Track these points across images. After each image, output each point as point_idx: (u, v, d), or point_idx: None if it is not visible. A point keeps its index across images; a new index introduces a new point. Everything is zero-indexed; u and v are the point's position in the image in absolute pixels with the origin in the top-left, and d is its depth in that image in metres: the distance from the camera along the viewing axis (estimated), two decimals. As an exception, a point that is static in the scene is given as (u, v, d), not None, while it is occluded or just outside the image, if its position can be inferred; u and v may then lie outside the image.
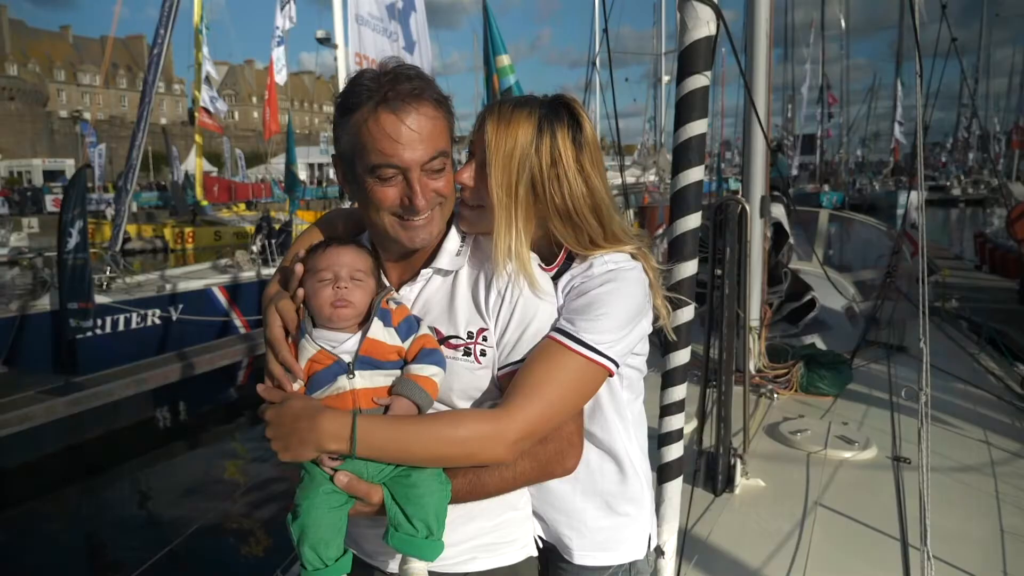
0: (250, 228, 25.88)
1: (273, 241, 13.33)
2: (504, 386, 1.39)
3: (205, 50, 20.44)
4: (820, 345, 5.35)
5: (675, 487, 2.06)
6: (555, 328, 1.38)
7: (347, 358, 1.30)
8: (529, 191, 1.38)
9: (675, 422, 2.07)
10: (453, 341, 1.38)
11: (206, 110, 19.65)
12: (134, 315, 10.61)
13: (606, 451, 1.54)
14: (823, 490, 3.39)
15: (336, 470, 1.24)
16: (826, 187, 42.49)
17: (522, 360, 1.36)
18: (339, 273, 1.33)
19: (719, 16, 2.29)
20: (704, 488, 3.42)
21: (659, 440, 2.08)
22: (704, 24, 2.21)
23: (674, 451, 2.06)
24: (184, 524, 6.91)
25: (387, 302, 1.36)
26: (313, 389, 1.30)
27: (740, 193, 4.37)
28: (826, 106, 43.27)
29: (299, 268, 1.37)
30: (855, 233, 9.49)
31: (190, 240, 28.04)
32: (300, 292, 1.35)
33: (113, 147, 48.84)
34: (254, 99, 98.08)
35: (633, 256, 1.46)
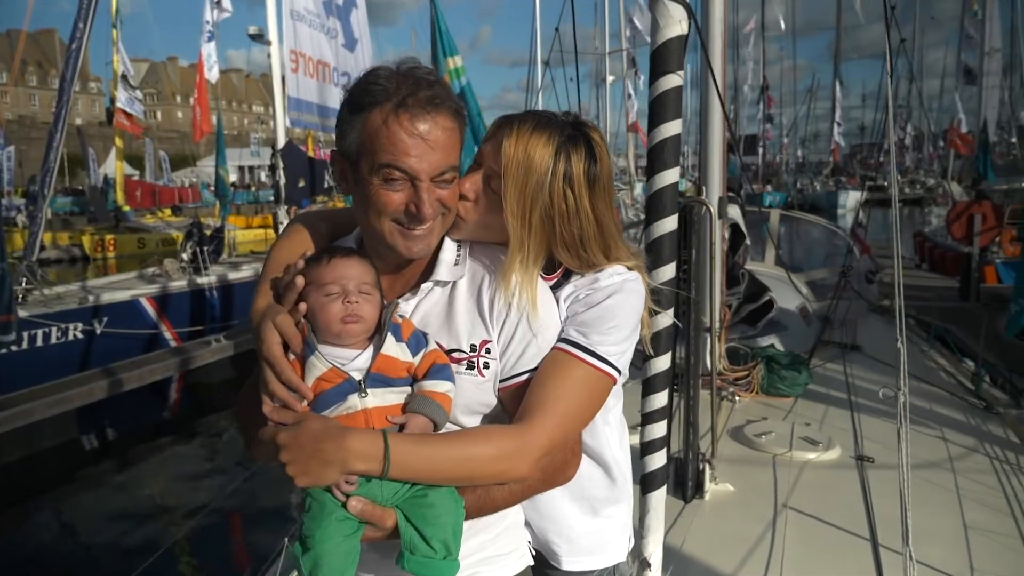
0: (177, 235, 25.15)
1: (205, 248, 12.95)
2: (505, 399, 1.39)
3: (121, 46, 19.76)
4: (778, 346, 5.49)
5: (659, 497, 2.07)
6: (565, 340, 1.39)
7: (357, 376, 1.26)
8: (541, 222, 1.39)
9: (658, 430, 2.09)
10: (455, 355, 1.36)
11: (124, 111, 19.00)
12: (54, 330, 10.17)
13: (594, 458, 1.58)
14: (791, 492, 3.47)
15: (349, 496, 1.20)
16: (769, 187, 43.71)
17: (525, 373, 1.37)
18: (347, 287, 1.29)
19: (691, 15, 2.32)
20: (674, 495, 3.46)
21: (642, 449, 2.09)
22: (676, 23, 2.24)
23: (657, 460, 2.08)
24: (115, 554, 6.65)
25: (395, 316, 1.33)
26: (319, 409, 1.25)
27: (702, 194, 4.44)
28: (766, 106, 44.54)
29: (300, 281, 1.32)
30: (804, 233, 9.77)
31: (111, 248, 27.03)
32: (302, 306, 1.30)
33: (23, 149, 46.77)
34: (178, 98, 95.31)
35: (630, 268, 1.49)
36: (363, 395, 1.25)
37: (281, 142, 15.06)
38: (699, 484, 3.46)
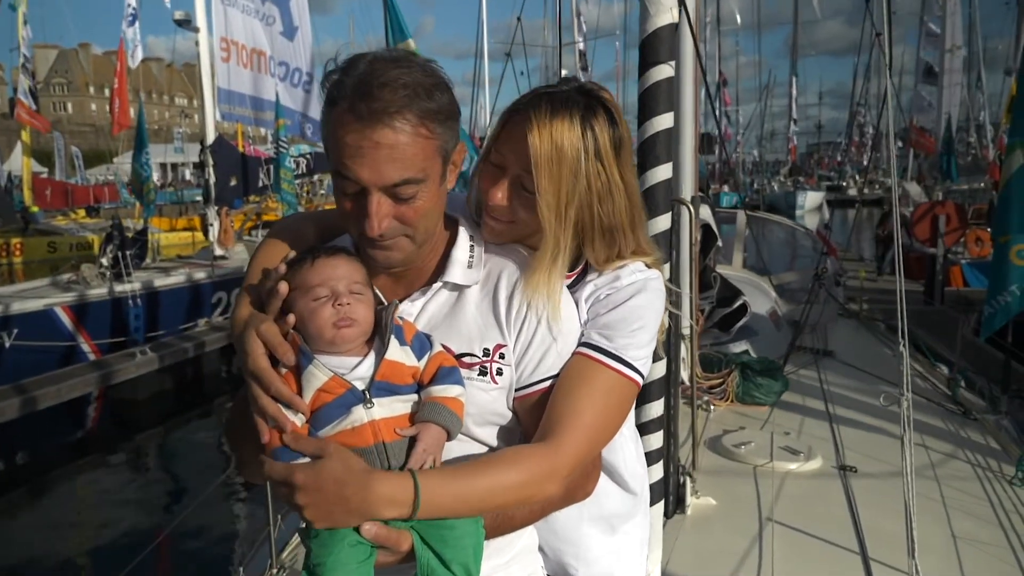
0: (93, 237, 24.37)
1: (127, 252, 12.52)
2: (520, 410, 1.36)
3: (28, 30, 19.04)
4: (751, 352, 5.57)
5: (656, 513, 2.07)
6: (587, 344, 1.37)
7: (360, 385, 1.21)
8: (579, 212, 1.37)
9: (654, 441, 2.09)
10: (466, 359, 1.32)
11: (24, 102, 18.28)
12: (-45, 343, 9.75)
13: (611, 471, 1.56)
14: (775, 505, 3.51)
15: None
16: (725, 187, 44.63)
17: (543, 381, 1.34)
18: (337, 288, 1.24)
19: (681, 2, 2.34)
20: (655, 510, 3.46)
21: (637, 462, 2.09)
22: (667, 10, 2.25)
23: (654, 473, 2.07)
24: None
25: (395, 318, 1.29)
26: (321, 425, 1.19)
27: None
28: (722, 103, 45.44)
29: (283, 287, 1.25)
30: (768, 234, 9.98)
31: (17, 252, 25.97)
32: (291, 318, 1.24)
33: (-86, 143, 44.73)
34: (91, 88, 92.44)
35: (648, 265, 1.48)
36: (369, 405, 1.20)
37: (211, 137, 14.76)
38: (680, 498, 3.47)
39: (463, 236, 1.41)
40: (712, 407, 4.83)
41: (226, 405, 11.64)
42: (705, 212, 5.61)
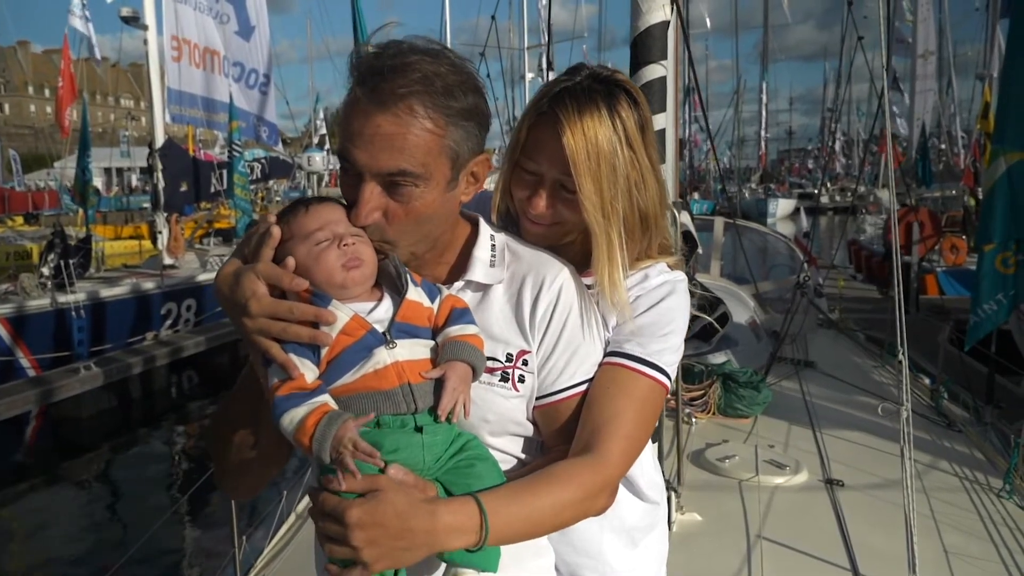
0: (32, 246, 23.83)
1: (70, 261, 12.24)
2: (540, 418, 1.36)
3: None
4: (733, 363, 5.60)
5: (653, 530, 2.05)
6: (621, 353, 1.38)
7: (380, 327, 1.21)
8: (624, 204, 1.38)
9: (649, 455, 2.06)
10: (488, 364, 1.31)
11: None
12: None
13: (628, 481, 1.54)
14: (764, 521, 3.52)
15: (388, 463, 1.12)
16: (695, 195, 45.16)
17: (566, 389, 1.34)
18: (338, 230, 1.22)
19: (674, 1, 2.35)
20: (639, 528, 3.45)
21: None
22: (660, 8, 2.26)
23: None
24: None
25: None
26: (340, 372, 1.17)
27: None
28: (692, 109, 46.06)
29: (276, 230, 1.21)
30: (747, 242, 10.07)
31: (-51, 262, 25.34)
32: (290, 261, 1.19)
33: None
34: (31, 88, 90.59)
35: (670, 266, 1.50)
36: (391, 346, 1.19)
37: (160, 140, 14.53)
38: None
39: (484, 235, 1.40)
40: (694, 419, 4.84)
41: (176, 428, 11.45)
42: (685, 218, 5.65)
